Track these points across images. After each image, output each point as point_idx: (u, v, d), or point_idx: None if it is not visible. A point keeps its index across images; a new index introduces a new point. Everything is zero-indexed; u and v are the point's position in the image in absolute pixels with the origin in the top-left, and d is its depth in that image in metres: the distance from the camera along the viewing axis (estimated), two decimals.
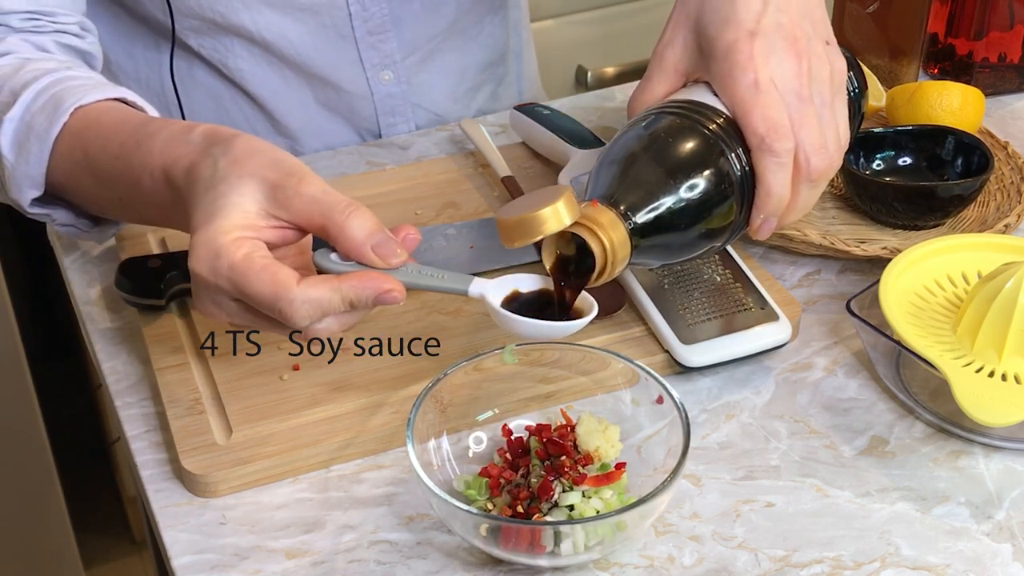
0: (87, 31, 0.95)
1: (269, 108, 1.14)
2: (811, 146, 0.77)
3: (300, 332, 0.71)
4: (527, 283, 0.76)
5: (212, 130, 0.75)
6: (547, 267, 0.76)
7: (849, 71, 0.87)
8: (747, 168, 0.77)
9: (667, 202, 0.75)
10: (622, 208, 0.75)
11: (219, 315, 0.72)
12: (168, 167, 0.74)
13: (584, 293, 0.75)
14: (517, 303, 0.75)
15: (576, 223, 0.74)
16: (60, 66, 0.87)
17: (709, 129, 0.77)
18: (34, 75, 0.84)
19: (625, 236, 0.74)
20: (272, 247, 0.71)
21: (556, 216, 0.72)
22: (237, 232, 0.69)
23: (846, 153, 0.99)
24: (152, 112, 0.85)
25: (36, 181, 0.83)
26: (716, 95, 0.79)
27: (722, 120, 0.78)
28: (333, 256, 0.72)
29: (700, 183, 0.76)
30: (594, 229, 0.73)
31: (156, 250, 0.95)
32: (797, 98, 0.77)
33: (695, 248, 0.79)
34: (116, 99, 0.84)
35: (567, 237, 0.75)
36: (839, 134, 0.80)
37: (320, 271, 0.72)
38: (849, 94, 0.86)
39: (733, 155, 0.77)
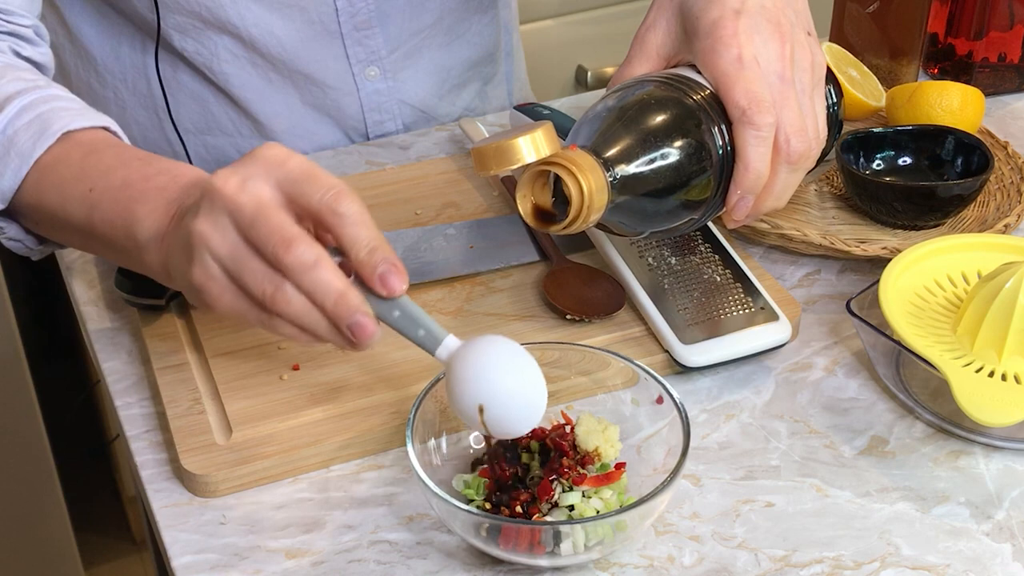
0: (40, 37, 0.93)
1: (254, 111, 1.14)
2: (791, 127, 0.77)
3: (269, 298, 0.68)
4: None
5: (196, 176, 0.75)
6: (521, 212, 0.75)
7: (827, 84, 0.87)
8: (728, 147, 0.77)
9: (648, 158, 0.75)
10: (603, 157, 0.74)
11: (210, 238, 0.68)
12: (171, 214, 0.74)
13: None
14: None
15: (555, 163, 0.72)
16: (41, 80, 0.85)
17: (693, 99, 0.77)
18: (17, 89, 0.83)
19: (604, 183, 0.73)
20: None
21: (534, 144, 0.71)
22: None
23: (846, 153, 1.00)
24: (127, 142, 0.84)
25: (3, 196, 0.82)
26: (699, 74, 0.79)
27: (707, 93, 0.78)
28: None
29: (682, 146, 0.76)
30: (572, 170, 0.72)
31: None
32: (779, 79, 0.78)
33: (669, 219, 0.78)
34: (101, 127, 0.83)
35: (544, 182, 0.73)
36: (818, 124, 0.80)
37: None
38: (829, 109, 0.86)
39: (716, 128, 0.77)
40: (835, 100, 0.90)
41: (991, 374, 0.80)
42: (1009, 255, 0.87)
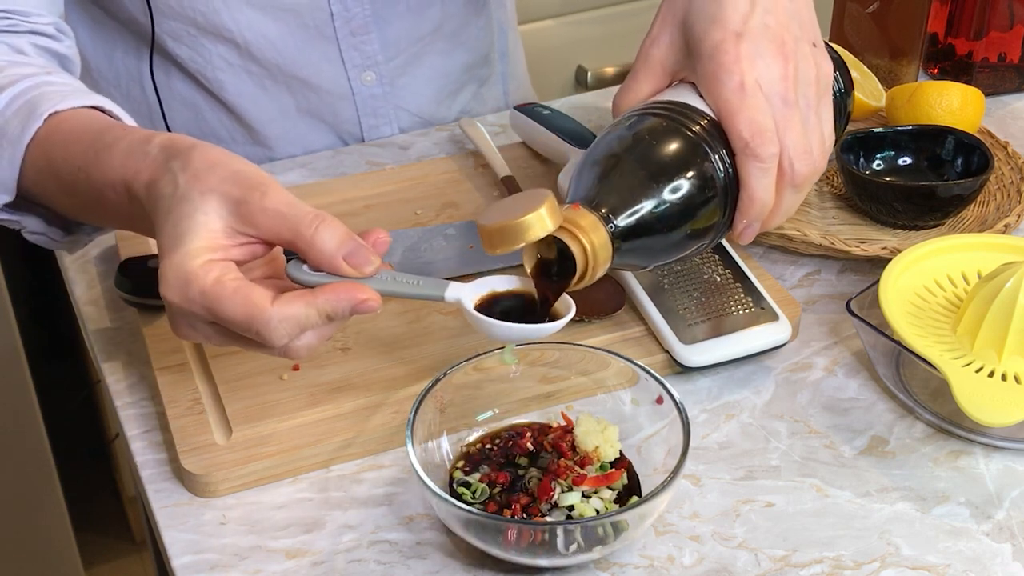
0: (63, 33, 0.93)
1: (248, 118, 1.14)
2: (795, 151, 0.77)
3: (280, 351, 0.70)
4: (504, 284, 0.76)
5: (169, 141, 0.73)
6: (528, 270, 0.75)
7: (836, 71, 0.87)
8: (731, 171, 0.77)
9: (649, 205, 0.75)
10: (604, 211, 0.74)
11: (196, 338, 0.71)
12: (129, 182, 0.73)
13: (564, 296, 0.75)
14: (494, 305, 0.74)
15: (560, 229, 0.73)
16: (39, 71, 0.85)
17: (693, 131, 0.77)
18: (11, 79, 0.83)
19: (606, 239, 0.74)
20: (241, 264, 0.70)
21: (540, 222, 0.71)
22: (205, 255, 0.68)
23: (846, 153, 1.00)
24: (128, 121, 0.83)
25: (7, 186, 0.81)
26: (701, 96, 0.79)
27: (706, 122, 0.77)
28: (306, 267, 0.70)
29: (683, 186, 0.76)
30: (575, 232, 0.73)
31: (156, 250, 0.95)
32: (782, 102, 0.77)
33: (678, 250, 0.78)
34: (92, 107, 0.82)
35: (548, 240, 0.74)
36: (824, 138, 0.80)
37: (294, 283, 0.71)
38: (835, 95, 0.86)
39: (717, 157, 0.76)
40: (841, 87, 0.89)
41: (991, 374, 0.80)
42: (1009, 255, 0.87)
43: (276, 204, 0.69)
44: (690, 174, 0.76)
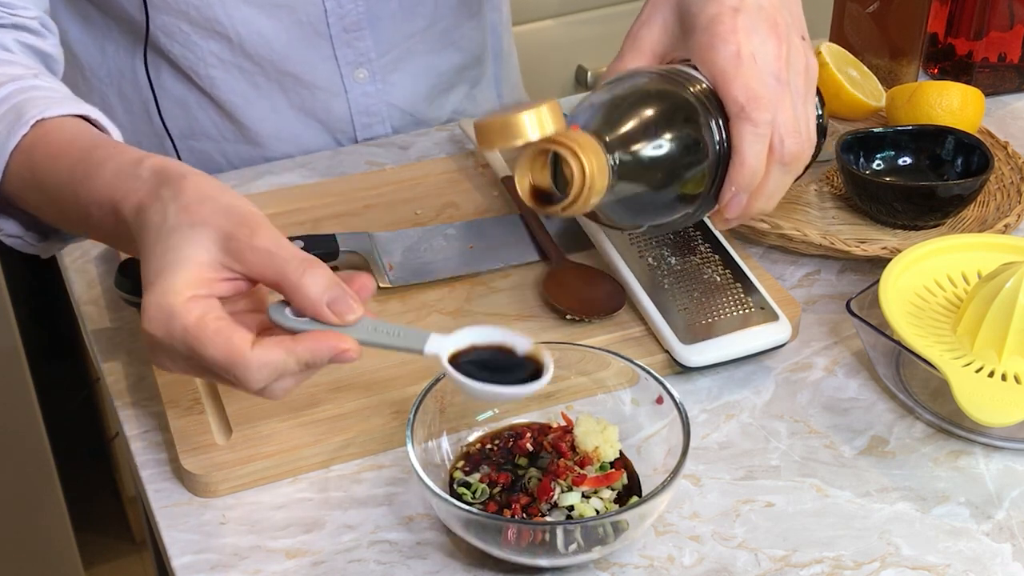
0: (48, 29, 0.92)
1: (239, 116, 1.13)
2: (786, 128, 0.77)
3: (256, 392, 0.69)
4: (485, 337, 0.73)
5: (162, 166, 0.72)
6: (520, 191, 0.74)
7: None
8: (724, 144, 0.77)
9: (648, 144, 0.74)
10: (604, 140, 0.73)
11: (174, 370, 0.71)
12: (117, 203, 0.72)
13: (544, 353, 0.72)
14: (473, 358, 0.72)
15: (558, 142, 0.71)
16: (27, 73, 0.84)
17: (692, 91, 0.77)
18: None
19: (605, 165, 0.72)
20: (225, 299, 0.70)
21: (539, 121, 0.70)
22: (190, 291, 0.67)
23: (846, 153, 1.00)
24: (114, 132, 0.82)
25: None
26: (696, 71, 0.79)
27: (704, 88, 0.78)
28: (288, 311, 0.69)
29: (682, 135, 0.75)
30: (575, 149, 0.71)
31: None
32: (776, 79, 0.78)
33: (663, 212, 0.78)
34: (79, 116, 0.81)
35: (543, 162, 0.73)
36: (810, 127, 0.80)
37: (275, 325, 0.70)
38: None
39: (713, 123, 0.77)
40: (819, 113, 0.90)
41: (991, 374, 0.80)
42: (1009, 255, 0.87)
43: (265, 243, 0.68)
44: (689, 127, 0.76)
